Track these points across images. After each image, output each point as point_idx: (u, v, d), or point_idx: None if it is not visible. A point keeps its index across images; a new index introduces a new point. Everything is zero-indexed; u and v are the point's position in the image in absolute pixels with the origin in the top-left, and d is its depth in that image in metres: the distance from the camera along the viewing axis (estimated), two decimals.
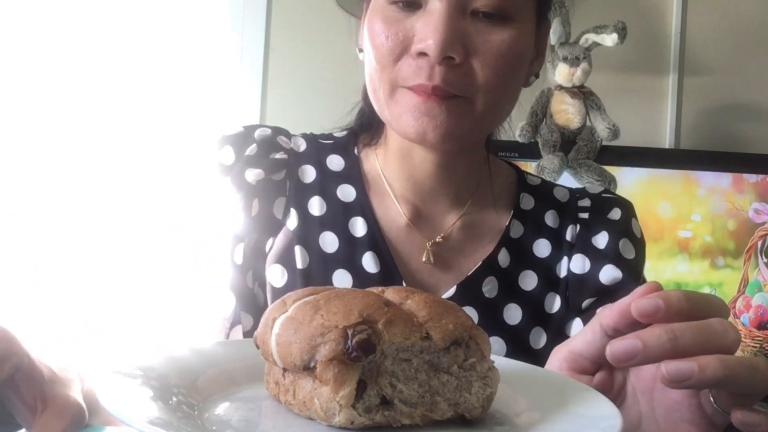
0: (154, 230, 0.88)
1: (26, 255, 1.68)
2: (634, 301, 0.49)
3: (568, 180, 1.77)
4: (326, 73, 1.84)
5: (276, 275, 0.79)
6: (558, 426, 0.44)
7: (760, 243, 1.84)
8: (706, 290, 1.84)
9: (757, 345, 1.83)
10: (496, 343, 0.77)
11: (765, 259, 1.84)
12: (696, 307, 0.49)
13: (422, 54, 0.70)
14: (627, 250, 0.83)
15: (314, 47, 1.91)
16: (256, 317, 0.77)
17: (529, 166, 1.79)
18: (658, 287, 0.51)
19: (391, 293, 0.48)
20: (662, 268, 1.83)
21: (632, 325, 0.50)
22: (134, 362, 0.47)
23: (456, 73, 0.70)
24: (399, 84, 0.72)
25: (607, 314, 0.52)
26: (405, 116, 0.72)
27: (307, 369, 0.42)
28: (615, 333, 0.51)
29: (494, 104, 0.73)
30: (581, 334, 0.55)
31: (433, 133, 0.71)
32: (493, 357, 0.48)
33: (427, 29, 0.69)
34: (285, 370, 0.45)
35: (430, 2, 0.70)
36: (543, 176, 1.73)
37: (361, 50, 0.80)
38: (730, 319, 1.85)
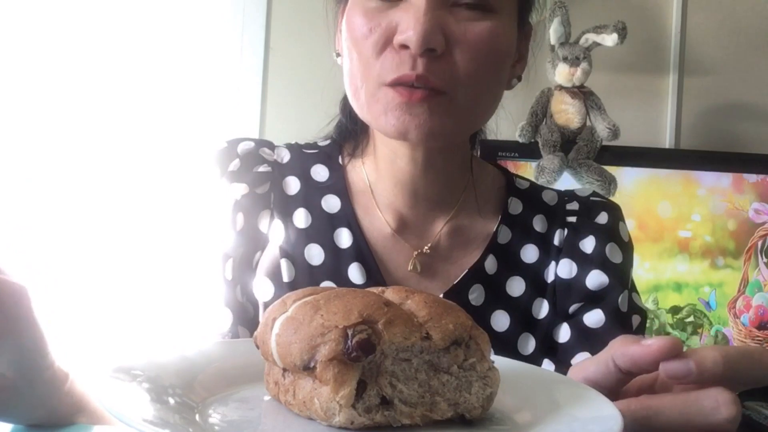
0: (153, 230, 0.88)
1: (25, 255, 1.68)
2: (664, 363, 0.47)
3: (568, 180, 1.77)
4: (326, 72, 1.83)
5: (263, 290, 0.79)
6: (558, 426, 0.44)
7: (760, 243, 1.84)
8: (706, 290, 1.84)
9: (758, 345, 1.83)
10: None
11: (765, 259, 1.84)
12: (733, 369, 0.47)
13: (404, 47, 0.69)
14: (614, 255, 0.82)
15: (314, 47, 1.90)
16: (252, 330, 0.77)
17: (529, 166, 1.79)
18: (678, 345, 0.47)
19: (391, 293, 0.48)
20: (662, 268, 1.83)
21: (647, 369, 0.49)
22: (133, 362, 0.47)
23: (438, 64, 0.69)
24: (382, 80, 0.71)
25: (621, 356, 0.49)
26: (386, 115, 0.71)
27: (307, 369, 0.42)
28: (628, 373, 0.50)
29: (475, 99, 0.73)
30: (596, 363, 0.52)
31: (415, 131, 0.70)
32: (493, 357, 0.48)
33: (409, 21, 0.68)
34: (285, 370, 0.45)
35: None
36: (543, 176, 1.74)
37: (338, 55, 0.79)
38: (730, 319, 1.85)
